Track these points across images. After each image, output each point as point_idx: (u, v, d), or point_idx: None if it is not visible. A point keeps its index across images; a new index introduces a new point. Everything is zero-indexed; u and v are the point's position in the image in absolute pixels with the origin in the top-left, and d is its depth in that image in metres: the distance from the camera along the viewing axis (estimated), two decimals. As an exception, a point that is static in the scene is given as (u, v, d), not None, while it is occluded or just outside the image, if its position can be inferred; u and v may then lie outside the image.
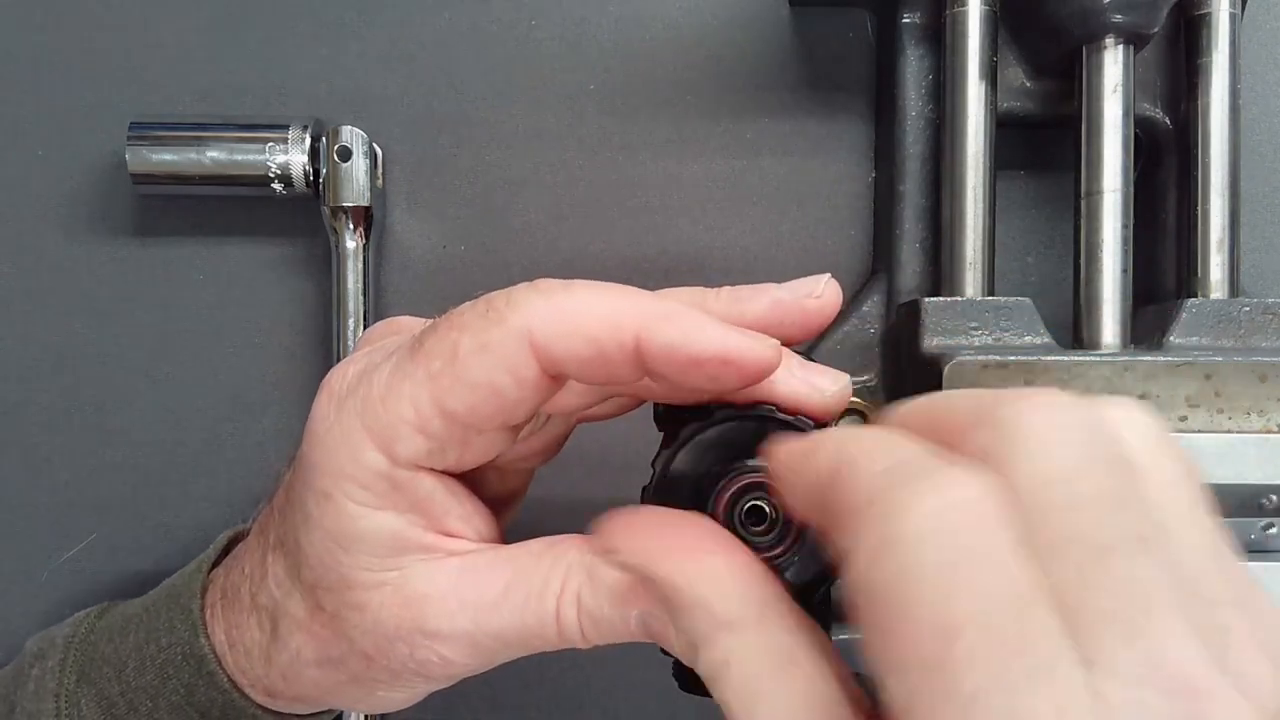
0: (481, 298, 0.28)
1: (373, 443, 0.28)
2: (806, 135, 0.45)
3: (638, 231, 0.45)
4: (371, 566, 0.29)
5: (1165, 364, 0.35)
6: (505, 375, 0.27)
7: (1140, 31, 0.38)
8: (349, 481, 0.29)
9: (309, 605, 0.31)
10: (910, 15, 0.42)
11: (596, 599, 0.28)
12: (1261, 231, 0.45)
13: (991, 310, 0.38)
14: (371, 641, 0.30)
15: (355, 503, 0.29)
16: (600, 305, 0.27)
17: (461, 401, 0.28)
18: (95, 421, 0.45)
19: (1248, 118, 0.42)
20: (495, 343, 0.27)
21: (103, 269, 0.45)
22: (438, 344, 0.28)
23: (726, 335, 0.27)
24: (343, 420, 0.29)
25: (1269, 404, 0.35)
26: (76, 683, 0.35)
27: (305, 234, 0.45)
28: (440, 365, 0.28)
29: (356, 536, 0.29)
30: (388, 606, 0.29)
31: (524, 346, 0.27)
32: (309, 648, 0.31)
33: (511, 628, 0.29)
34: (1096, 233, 0.38)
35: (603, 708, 0.45)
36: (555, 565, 0.29)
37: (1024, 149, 0.44)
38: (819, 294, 0.30)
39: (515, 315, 0.27)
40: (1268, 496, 0.35)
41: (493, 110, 0.45)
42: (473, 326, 0.27)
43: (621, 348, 0.27)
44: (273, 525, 0.32)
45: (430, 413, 0.28)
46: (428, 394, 0.28)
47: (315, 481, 0.29)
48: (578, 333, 0.27)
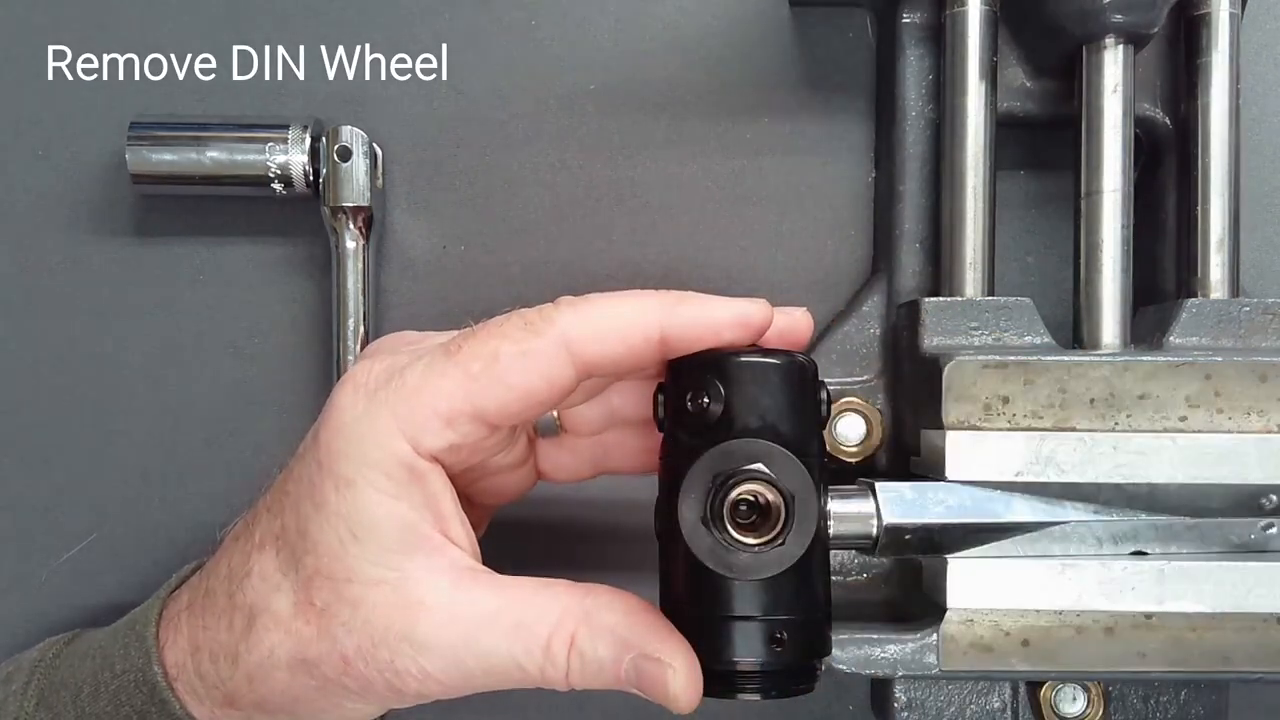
0: (514, 313, 0.32)
1: (401, 431, 0.31)
2: (806, 135, 0.45)
3: (638, 231, 0.45)
4: (378, 560, 0.31)
5: (1165, 364, 0.35)
6: (541, 380, 0.31)
7: (1140, 31, 0.38)
8: (373, 468, 0.31)
9: (297, 600, 0.31)
10: (910, 15, 0.42)
11: (592, 640, 0.31)
12: (1261, 231, 0.45)
13: (991, 310, 0.38)
14: (355, 642, 0.31)
15: (376, 490, 0.31)
16: (625, 308, 0.31)
17: (496, 401, 0.31)
18: (95, 421, 0.45)
19: (1248, 118, 0.42)
20: (536, 351, 0.31)
21: (103, 269, 0.45)
22: (478, 348, 0.31)
23: (732, 303, 0.32)
24: (372, 410, 0.31)
25: (1269, 404, 0.35)
26: (35, 706, 0.35)
27: (305, 234, 0.45)
28: (480, 367, 0.31)
29: (371, 524, 0.31)
30: (381, 607, 0.31)
31: (563, 354, 0.31)
32: (285, 646, 0.31)
33: (498, 652, 0.31)
34: (1096, 233, 0.38)
35: (603, 710, 0.46)
36: (552, 602, 0.31)
37: (1024, 149, 0.44)
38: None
39: (554, 327, 0.31)
40: (1268, 496, 0.35)
41: (493, 110, 0.45)
42: (514, 336, 0.31)
43: (648, 340, 0.31)
44: (260, 524, 0.33)
45: (462, 409, 0.31)
46: (464, 391, 0.31)
47: (337, 468, 0.31)
48: (609, 336, 0.31)
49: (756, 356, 0.32)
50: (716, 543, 0.30)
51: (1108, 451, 0.35)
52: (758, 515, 0.31)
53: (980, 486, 0.35)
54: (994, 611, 0.35)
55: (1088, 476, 0.35)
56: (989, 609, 0.35)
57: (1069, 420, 0.35)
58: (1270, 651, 0.35)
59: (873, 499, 0.34)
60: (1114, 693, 0.41)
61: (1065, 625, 0.35)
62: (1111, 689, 0.41)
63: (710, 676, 0.31)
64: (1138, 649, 0.35)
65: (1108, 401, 0.35)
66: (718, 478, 0.31)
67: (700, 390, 0.31)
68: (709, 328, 0.32)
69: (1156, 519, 0.35)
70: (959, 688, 0.40)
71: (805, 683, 0.33)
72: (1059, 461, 0.35)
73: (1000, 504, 0.35)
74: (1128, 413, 0.35)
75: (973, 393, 0.35)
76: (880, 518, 0.34)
